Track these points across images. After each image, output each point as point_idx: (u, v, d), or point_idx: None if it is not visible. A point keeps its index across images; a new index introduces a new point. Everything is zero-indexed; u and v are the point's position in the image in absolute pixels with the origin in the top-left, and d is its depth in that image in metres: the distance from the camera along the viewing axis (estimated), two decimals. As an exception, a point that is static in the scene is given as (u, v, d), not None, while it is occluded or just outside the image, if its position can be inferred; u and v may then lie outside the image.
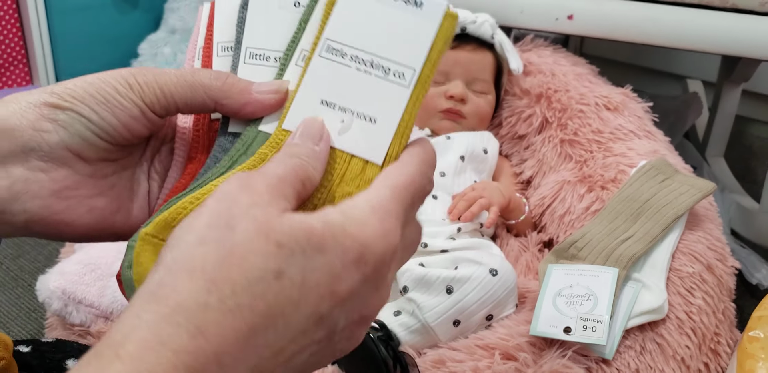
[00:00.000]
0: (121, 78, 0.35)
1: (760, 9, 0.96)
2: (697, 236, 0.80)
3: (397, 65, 0.35)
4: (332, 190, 0.35)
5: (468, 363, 0.67)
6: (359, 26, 0.35)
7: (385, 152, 0.35)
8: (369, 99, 0.35)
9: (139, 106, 0.35)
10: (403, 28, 0.35)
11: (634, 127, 0.97)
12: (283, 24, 0.38)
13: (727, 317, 0.79)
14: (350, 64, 0.35)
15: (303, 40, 0.37)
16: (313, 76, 0.35)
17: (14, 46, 1.63)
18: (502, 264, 0.75)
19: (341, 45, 0.35)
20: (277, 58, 0.38)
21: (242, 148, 0.36)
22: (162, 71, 0.36)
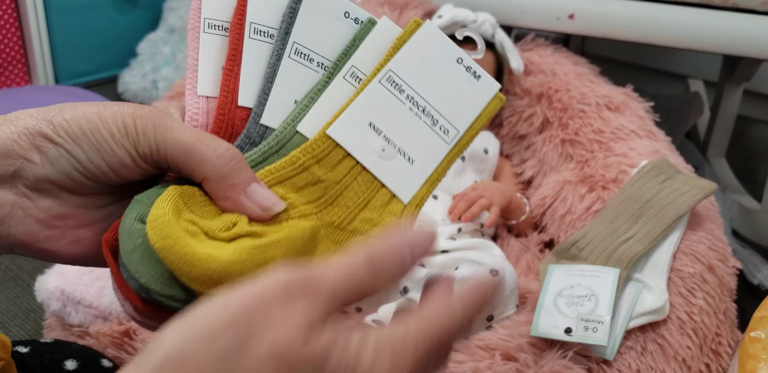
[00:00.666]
0: (121, 119, 0.33)
1: (762, 8, 0.96)
2: (698, 236, 0.80)
3: (444, 121, 0.37)
4: (354, 212, 0.35)
5: (468, 364, 0.67)
6: (422, 71, 0.37)
7: (413, 193, 0.37)
8: (412, 140, 0.37)
9: (130, 154, 0.33)
10: (458, 91, 0.38)
11: (636, 126, 0.96)
12: (331, 31, 0.38)
13: (729, 317, 0.79)
14: (405, 102, 0.37)
15: (354, 57, 0.38)
16: (368, 97, 0.36)
17: (13, 45, 1.63)
18: (503, 264, 0.75)
19: (401, 81, 0.37)
20: (320, 63, 0.38)
21: (276, 147, 0.36)
22: (167, 123, 0.33)
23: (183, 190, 0.33)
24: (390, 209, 0.36)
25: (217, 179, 0.33)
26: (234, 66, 0.37)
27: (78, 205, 0.34)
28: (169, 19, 1.73)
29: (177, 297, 0.31)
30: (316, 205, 0.35)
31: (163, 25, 1.76)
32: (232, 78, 0.37)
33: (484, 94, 0.38)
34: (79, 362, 0.61)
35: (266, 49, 0.38)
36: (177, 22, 1.73)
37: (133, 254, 0.31)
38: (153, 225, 0.30)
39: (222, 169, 0.32)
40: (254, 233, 0.32)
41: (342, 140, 0.36)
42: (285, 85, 0.37)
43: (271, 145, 0.36)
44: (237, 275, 0.30)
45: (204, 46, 0.38)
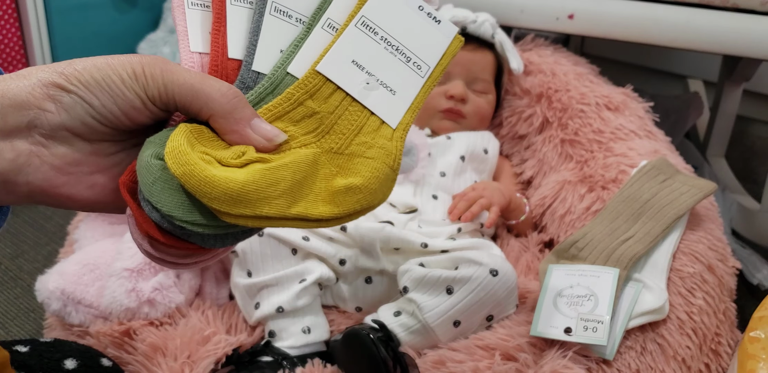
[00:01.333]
0: (130, 66, 0.35)
1: (761, 8, 0.96)
2: (698, 236, 0.80)
3: (416, 58, 0.43)
4: (350, 138, 0.40)
5: (468, 364, 0.67)
6: (391, 17, 0.43)
7: (399, 119, 0.41)
8: (392, 74, 0.42)
9: (140, 97, 0.35)
10: (423, 33, 0.43)
11: (635, 126, 0.96)
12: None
13: (728, 317, 0.79)
14: (380, 42, 0.42)
15: (329, 10, 0.43)
16: (348, 39, 0.42)
17: (13, 45, 1.63)
18: (503, 264, 0.75)
19: (374, 25, 0.42)
20: (298, 18, 0.43)
21: (270, 87, 0.40)
22: (173, 68, 0.36)
23: (192, 127, 0.36)
24: (381, 133, 0.41)
25: (224, 115, 0.36)
26: (220, 26, 0.43)
27: (90, 152, 0.37)
28: (170, 20, 1.74)
29: (198, 222, 0.34)
30: (314, 135, 0.39)
31: (163, 25, 1.76)
32: (220, 36, 0.42)
33: (445, 36, 0.44)
34: (78, 362, 0.61)
35: (247, 13, 0.43)
36: (177, 23, 1.73)
37: (154, 186, 0.34)
38: (171, 155, 0.34)
39: (227, 105, 0.36)
40: (263, 158, 0.36)
41: (331, 75, 0.41)
42: (270, 38, 0.42)
43: (266, 86, 0.40)
44: (253, 194, 0.34)
45: (190, 18, 0.43)
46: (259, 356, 0.75)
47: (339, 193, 0.37)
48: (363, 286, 0.83)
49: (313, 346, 0.78)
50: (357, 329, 0.72)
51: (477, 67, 1.02)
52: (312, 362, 0.74)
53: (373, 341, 0.69)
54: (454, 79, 1.01)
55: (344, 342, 0.72)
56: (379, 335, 0.71)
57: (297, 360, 0.75)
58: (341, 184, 0.38)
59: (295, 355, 0.76)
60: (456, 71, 1.01)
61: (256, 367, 0.73)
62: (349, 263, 0.82)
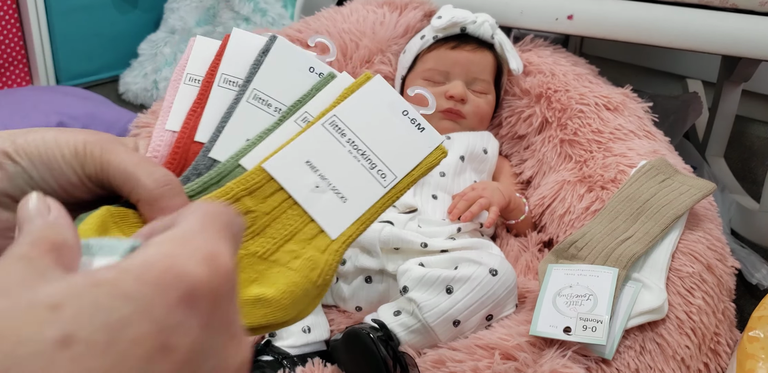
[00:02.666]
0: (73, 143, 0.35)
1: (760, 9, 0.96)
2: (697, 236, 0.80)
3: (383, 165, 0.39)
4: (279, 243, 0.36)
5: (468, 363, 0.67)
6: (366, 119, 0.40)
7: (342, 230, 0.37)
8: (348, 181, 0.38)
9: (78, 174, 0.35)
10: (400, 140, 0.40)
11: (634, 127, 0.96)
12: (293, 82, 0.42)
13: (727, 317, 0.79)
14: (345, 145, 0.39)
15: (309, 104, 0.40)
16: (310, 138, 0.38)
17: (14, 45, 1.63)
18: (502, 264, 0.75)
19: (344, 126, 0.39)
20: (277, 108, 0.41)
21: (216, 178, 0.38)
22: (114, 148, 0.35)
23: (116, 210, 0.35)
24: (315, 243, 0.37)
25: (149, 201, 0.34)
26: (198, 108, 0.41)
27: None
28: (170, 20, 1.74)
29: None
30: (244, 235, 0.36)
31: (163, 25, 1.76)
32: (194, 117, 0.41)
33: (426, 146, 0.41)
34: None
35: (231, 96, 0.42)
36: (178, 23, 1.73)
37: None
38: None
39: (154, 192, 0.34)
40: None
41: (276, 174, 0.37)
42: (239, 125, 0.40)
43: (212, 176, 0.38)
44: None
45: (181, 94, 0.42)
46: (260, 356, 0.75)
47: (247, 303, 0.34)
48: (363, 285, 0.83)
49: (313, 345, 0.78)
50: (357, 328, 0.72)
51: (476, 68, 1.02)
52: (312, 361, 0.74)
53: (373, 340, 0.69)
54: (453, 80, 1.01)
55: (344, 341, 0.72)
56: (379, 334, 0.72)
57: (297, 359, 0.75)
58: (253, 293, 0.35)
59: (296, 354, 0.76)
60: (455, 71, 1.01)
61: (256, 366, 0.74)
62: (349, 263, 0.82)
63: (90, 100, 1.44)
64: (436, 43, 1.04)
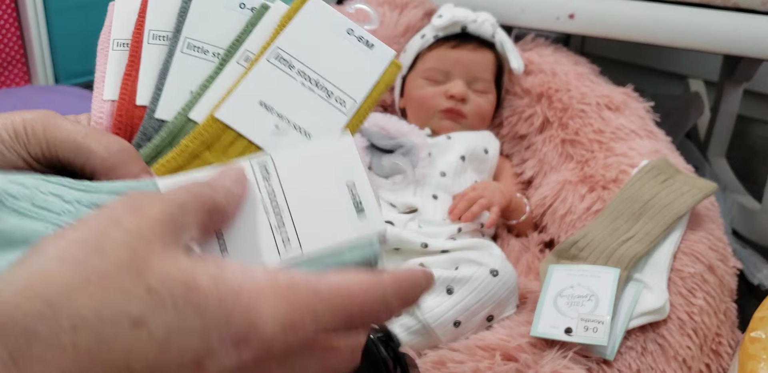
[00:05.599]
0: (11, 125, 0.33)
1: (762, 8, 0.96)
2: (698, 237, 0.80)
3: (340, 92, 0.36)
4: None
5: (468, 364, 0.67)
6: (311, 46, 0.37)
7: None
8: (307, 114, 0.35)
9: (22, 156, 0.33)
10: (351, 61, 0.37)
11: (636, 126, 0.96)
12: (226, 22, 0.39)
13: (729, 317, 0.79)
14: (296, 78, 0.36)
15: (248, 41, 0.38)
16: (257, 77, 0.36)
17: (12, 45, 1.63)
18: (503, 264, 0.75)
19: (290, 57, 0.36)
20: (216, 53, 0.38)
21: (168, 138, 0.35)
22: (57, 123, 0.34)
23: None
24: None
25: (105, 172, 0.33)
26: (132, 70, 0.39)
27: None
28: (169, 19, 1.74)
29: None
30: None
31: (163, 24, 1.76)
32: (130, 81, 0.39)
33: (379, 62, 0.38)
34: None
35: (164, 52, 0.39)
36: (177, 22, 1.73)
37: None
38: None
39: (109, 160, 0.33)
40: None
41: (231, 122, 0.35)
42: (179, 79, 0.38)
43: (163, 137, 0.36)
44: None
45: (111, 61, 0.40)
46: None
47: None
48: (363, 286, 0.83)
49: (313, 346, 0.78)
50: (357, 329, 0.72)
51: (477, 67, 1.02)
52: (312, 362, 0.74)
53: (373, 341, 0.69)
54: (454, 79, 1.01)
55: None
56: (379, 335, 0.71)
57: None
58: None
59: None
60: (456, 71, 1.01)
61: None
62: (349, 263, 0.82)
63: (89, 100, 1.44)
64: (436, 43, 1.04)
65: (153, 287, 0.22)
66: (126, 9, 0.40)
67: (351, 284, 0.26)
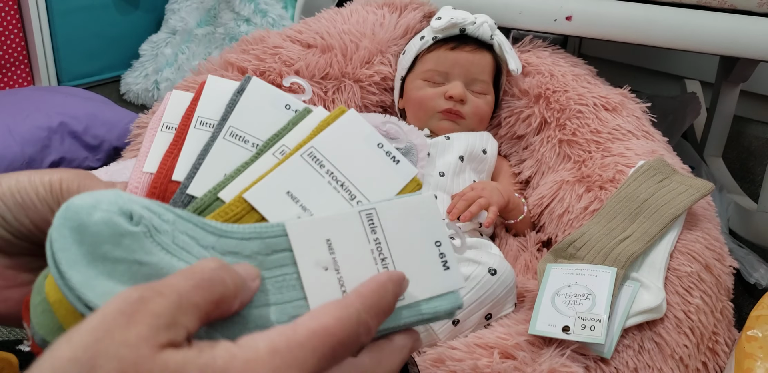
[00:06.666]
0: (48, 180, 0.35)
1: (758, 10, 0.97)
2: (695, 236, 0.80)
3: (362, 196, 0.38)
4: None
5: (467, 362, 0.67)
6: (343, 151, 0.39)
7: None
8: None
9: (54, 210, 0.34)
10: (377, 172, 0.39)
11: (633, 127, 0.97)
12: (270, 118, 0.41)
13: (725, 316, 0.79)
14: (324, 176, 0.38)
15: (286, 137, 0.40)
16: (289, 168, 0.38)
17: (15, 46, 1.63)
18: (501, 263, 0.76)
19: (323, 157, 0.38)
20: (255, 144, 0.41)
21: (194, 212, 0.37)
22: (92, 184, 0.35)
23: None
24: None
25: None
26: (175, 149, 0.41)
27: (8, 266, 0.36)
28: (171, 21, 1.74)
29: None
30: None
31: (164, 26, 1.76)
32: (170, 158, 0.41)
33: (401, 177, 0.40)
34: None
35: (207, 137, 0.41)
36: (179, 24, 1.73)
37: (38, 308, 0.32)
38: (50, 280, 0.31)
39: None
40: None
41: (257, 204, 0.36)
42: (216, 162, 0.40)
43: (190, 211, 0.37)
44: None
45: (157, 140, 0.42)
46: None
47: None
48: (363, 285, 0.83)
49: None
50: (357, 327, 0.72)
51: (476, 68, 1.02)
52: (313, 360, 0.74)
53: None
54: (453, 80, 1.01)
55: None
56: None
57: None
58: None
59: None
60: (455, 72, 1.02)
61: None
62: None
63: (91, 101, 1.45)
64: (435, 44, 1.04)
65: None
66: (180, 100, 0.44)
67: (323, 320, 0.28)
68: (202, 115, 0.42)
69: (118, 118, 1.41)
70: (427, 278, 0.36)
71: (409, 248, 0.36)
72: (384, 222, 0.36)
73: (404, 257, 0.36)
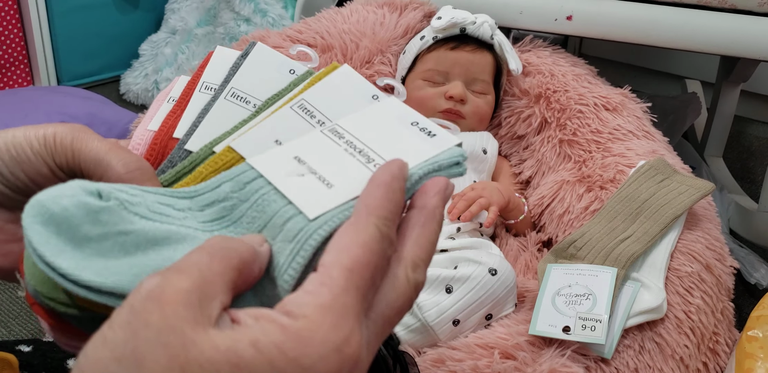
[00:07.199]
0: (42, 135, 0.35)
1: (759, 9, 0.96)
2: (695, 236, 0.80)
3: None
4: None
5: (467, 362, 0.67)
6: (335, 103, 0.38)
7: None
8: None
9: (48, 164, 0.35)
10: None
11: (633, 127, 0.97)
12: (272, 82, 0.41)
13: (726, 316, 0.79)
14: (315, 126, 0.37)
15: (286, 97, 0.40)
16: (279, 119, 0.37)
17: (15, 46, 1.63)
18: (502, 264, 0.76)
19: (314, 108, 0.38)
20: (256, 105, 0.41)
21: (189, 166, 0.37)
22: (86, 137, 0.35)
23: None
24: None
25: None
26: (178, 110, 0.42)
27: (8, 220, 0.36)
28: (171, 21, 1.74)
29: (60, 300, 0.30)
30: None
31: (164, 26, 1.76)
32: (173, 118, 0.42)
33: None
34: (82, 361, 0.61)
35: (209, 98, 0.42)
36: (178, 24, 1.73)
37: (29, 259, 0.31)
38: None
39: (124, 176, 0.34)
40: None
41: (246, 152, 0.35)
42: (216, 120, 0.40)
43: (185, 165, 0.37)
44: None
45: (163, 108, 0.43)
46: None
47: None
48: (363, 285, 0.83)
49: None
50: (357, 328, 0.72)
51: (476, 68, 1.02)
52: (313, 360, 0.74)
53: (374, 339, 0.70)
54: (453, 80, 1.01)
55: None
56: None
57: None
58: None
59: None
60: (455, 72, 1.01)
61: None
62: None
63: (91, 101, 1.45)
64: (435, 44, 1.04)
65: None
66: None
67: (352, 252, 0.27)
68: (207, 80, 0.43)
69: (118, 118, 1.41)
70: (417, 148, 0.34)
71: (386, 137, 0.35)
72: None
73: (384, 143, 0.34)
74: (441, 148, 0.35)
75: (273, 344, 0.23)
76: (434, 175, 0.33)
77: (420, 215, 0.31)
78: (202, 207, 0.32)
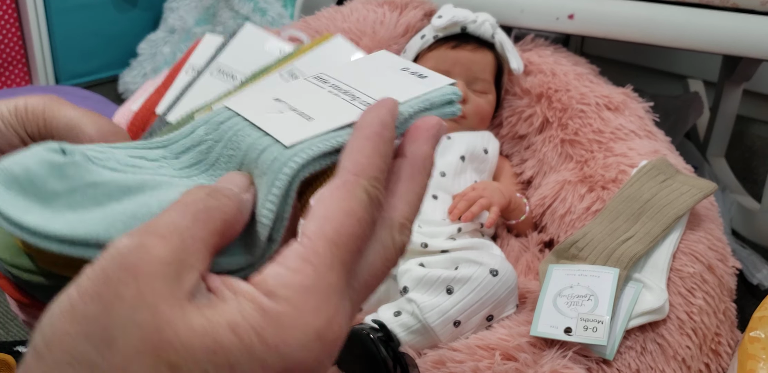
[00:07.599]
0: (14, 105, 0.34)
1: (761, 8, 0.96)
2: (698, 236, 0.80)
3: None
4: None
5: (468, 364, 0.67)
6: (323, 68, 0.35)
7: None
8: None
9: (19, 134, 0.34)
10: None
11: (635, 126, 0.96)
12: (260, 59, 0.41)
13: (728, 317, 0.79)
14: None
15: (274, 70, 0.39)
16: (269, 82, 0.36)
17: (13, 45, 1.63)
18: (503, 264, 0.75)
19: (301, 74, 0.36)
20: (243, 81, 0.40)
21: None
22: (58, 105, 0.34)
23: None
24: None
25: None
26: (163, 88, 0.42)
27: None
28: (170, 20, 1.74)
29: (24, 266, 0.29)
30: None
31: (163, 25, 1.76)
32: (157, 96, 0.42)
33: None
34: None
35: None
36: (177, 23, 1.73)
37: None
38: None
39: (97, 140, 0.33)
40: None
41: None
42: (199, 94, 0.39)
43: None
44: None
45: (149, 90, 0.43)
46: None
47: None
48: (363, 286, 0.83)
49: (313, 346, 0.78)
50: (357, 328, 0.72)
51: (477, 67, 1.02)
52: (312, 362, 0.74)
53: (373, 340, 0.69)
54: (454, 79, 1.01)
55: (344, 342, 0.72)
56: (379, 334, 0.71)
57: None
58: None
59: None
60: (456, 71, 1.01)
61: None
62: (349, 263, 0.82)
63: (89, 100, 1.44)
64: (436, 43, 1.04)
65: (175, 364, 0.21)
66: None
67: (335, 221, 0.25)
68: (194, 62, 0.43)
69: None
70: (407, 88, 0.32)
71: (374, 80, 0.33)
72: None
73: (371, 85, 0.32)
74: (433, 87, 0.32)
75: (252, 330, 0.22)
76: (426, 113, 0.31)
77: (409, 166, 0.29)
78: (177, 154, 0.30)
